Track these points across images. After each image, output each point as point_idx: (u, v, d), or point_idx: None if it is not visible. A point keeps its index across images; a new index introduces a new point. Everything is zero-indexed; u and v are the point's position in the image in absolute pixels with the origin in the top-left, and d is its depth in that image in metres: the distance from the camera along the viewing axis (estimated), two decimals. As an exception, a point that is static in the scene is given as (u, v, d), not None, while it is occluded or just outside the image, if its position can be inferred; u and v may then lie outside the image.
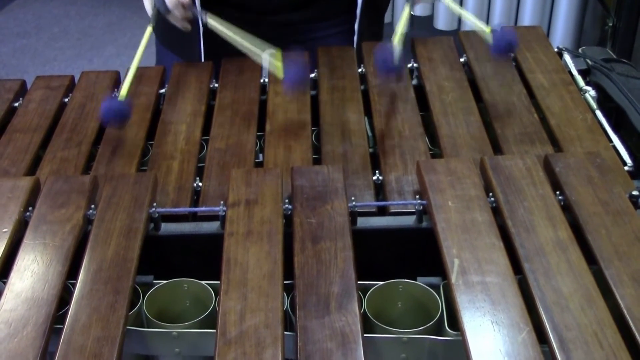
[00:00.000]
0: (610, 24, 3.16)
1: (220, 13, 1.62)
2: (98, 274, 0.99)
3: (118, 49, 3.96)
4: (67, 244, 1.04)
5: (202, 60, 1.59)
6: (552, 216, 1.04)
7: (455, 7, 1.43)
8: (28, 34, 4.13)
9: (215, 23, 1.41)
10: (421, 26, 3.51)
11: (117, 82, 1.52)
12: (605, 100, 1.41)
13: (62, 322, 0.91)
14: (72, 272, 1.00)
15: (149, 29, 1.43)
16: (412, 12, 3.37)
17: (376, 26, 1.74)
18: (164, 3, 1.41)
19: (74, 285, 0.98)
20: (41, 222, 1.08)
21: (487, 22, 3.25)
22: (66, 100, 1.47)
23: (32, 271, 0.99)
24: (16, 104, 1.46)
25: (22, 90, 1.52)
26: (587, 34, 3.30)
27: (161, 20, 1.44)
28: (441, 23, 3.34)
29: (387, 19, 3.54)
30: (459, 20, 3.32)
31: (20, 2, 4.49)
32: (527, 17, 3.14)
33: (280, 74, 1.34)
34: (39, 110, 1.42)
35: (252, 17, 1.65)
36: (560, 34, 3.12)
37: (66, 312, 0.93)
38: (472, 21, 1.39)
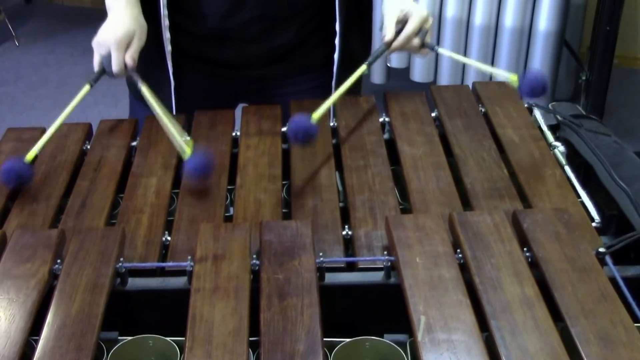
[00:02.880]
0: (584, 78, 3.21)
1: (194, 67, 1.63)
2: (62, 330, 0.98)
3: (96, 98, 3.95)
4: (32, 299, 1.03)
5: (174, 112, 1.59)
6: (519, 273, 1.04)
7: (460, 57, 1.47)
8: (6, 82, 4.13)
9: (146, 93, 1.42)
10: (397, 78, 3.54)
11: (89, 134, 1.52)
12: (574, 156, 1.42)
13: (23, 380, 0.90)
14: (36, 327, 0.99)
15: (86, 87, 1.46)
16: (388, 64, 3.41)
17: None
18: (110, 65, 1.43)
19: (37, 341, 0.97)
20: (6, 277, 1.07)
21: (462, 76, 3.28)
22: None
23: (-6, 327, 0.98)
24: (-14, 156, 1.46)
25: (-8, 141, 1.51)
26: (561, 87, 3.35)
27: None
28: (417, 75, 3.38)
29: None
30: (435, 73, 3.35)
31: (-1, 50, 4.51)
32: (502, 69, 3.17)
33: (184, 157, 1.33)
34: (9, 163, 1.42)
35: (225, 71, 1.66)
36: (534, 87, 3.16)
37: (27, 370, 0.92)
38: (491, 71, 1.42)
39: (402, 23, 1.49)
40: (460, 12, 3.18)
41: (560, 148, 1.41)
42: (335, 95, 1.44)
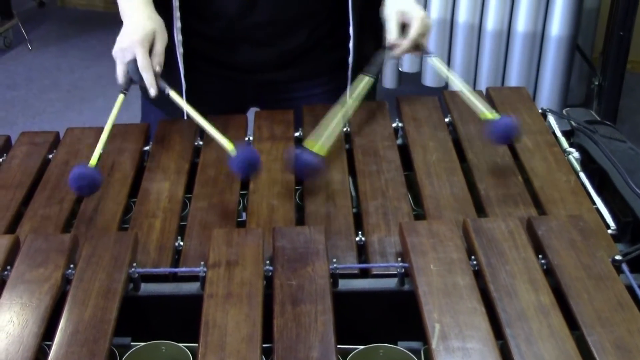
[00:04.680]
0: (596, 83, 3.19)
1: (205, 70, 1.63)
2: (74, 336, 0.97)
3: (107, 102, 3.94)
4: (44, 304, 1.03)
5: (185, 115, 1.59)
6: (534, 280, 1.03)
7: (445, 71, 1.45)
8: (19, 86, 4.14)
9: (176, 98, 1.40)
10: (409, 82, 3.53)
11: (102, 139, 1.52)
12: (588, 162, 1.41)
13: (36, 386, 0.90)
14: (48, 333, 0.99)
15: (120, 97, 1.40)
16: (400, 69, 3.41)
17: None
18: (137, 72, 1.39)
19: (49, 347, 0.96)
20: (19, 282, 1.07)
21: (475, 82, 3.27)
22: (50, 156, 1.46)
23: (7, 332, 0.98)
24: (0, 160, 1.46)
25: (6, 145, 1.51)
26: (574, 93, 3.33)
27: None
28: (429, 80, 3.37)
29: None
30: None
31: (11, 54, 4.52)
32: (514, 74, 3.17)
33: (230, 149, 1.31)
34: (22, 167, 1.42)
35: (236, 74, 1.65)
36: (547, 92, 3.15)
37: (40, 376, 0.91)
38: (473, 101, 1.40)
39: (403, 26, 1.48)
40: (472, 17, 3.17)
41: (574, 154, 1.40)
42: (339, 119, 1.42)
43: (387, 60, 1.54)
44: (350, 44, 1.56)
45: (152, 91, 1.38)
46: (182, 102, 1.40)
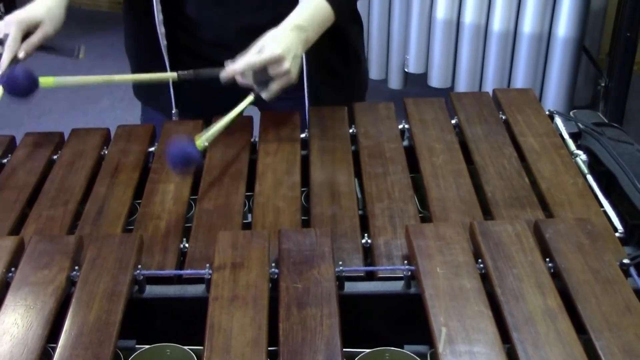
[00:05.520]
0: (603, 84, 3.18)
1: (191, 64, 1.60)
2: (79, 339, 0.97)
3: (113, 102, 3.97)
4: (49, 307, 1.02)
5: (174, 108, 1.59)
6: (542, 284, 1.02)
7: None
8: (24, 86, 4.14)
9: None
10: (415, 83, 3.53)
11: (106, 140, 1.52)
12: (596, 165, 1.40)
13: (40, 389, 0.89)
14: (52, 335, 0.99)
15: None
16: (405, 69, 3.40)
17: (334, 85, 1.69)
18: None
19: (54, 349, 0.96)
20: (23, 284, 1.06)
21: (480, 83, 3.26)
22: (55, 157, 1.46)
23: (11, 335, 0.98)
24: (4, 161, 1.46)
25: (10, 146, 1.51)
26: (580, 94, 3.32)
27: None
28: (435, 80, 3.36)
29: (380, 75, 3.59)
30: (453, 79, 3.33)
31: (16, 54, 4.52)
32: (520, 77, 3.16)
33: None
34: (27, 168, 1.42)
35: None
36: (553, 93, 3.14)
37: (44, 379, 0.91)
38: None
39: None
40: (478, 17, 3.17)
41: (582, 156, 1.39)
42: (222, 122, 1.38)
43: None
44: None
45: None
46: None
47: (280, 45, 1.35)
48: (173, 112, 1.63)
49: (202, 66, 1.52)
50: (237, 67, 1.37)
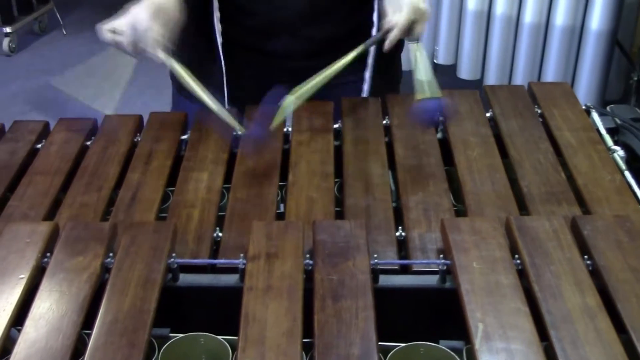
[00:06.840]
0: (635, 78, 3.14)
1: (244, 58, 1.63)
2: (114, 325, 0.97)
3: (140, 88, 3.97)
4: (84, 293, 1.02)
5: (226, 102, 1.58)
6: (580, 281, 1.01)
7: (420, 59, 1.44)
8: (52, 71, 4.16)
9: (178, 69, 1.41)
10: (444, 75, 3.50)
11: (139, 126, 1.52)
12: (634, 161, 1.38)
13: (75, 375, 0.89)
14: (87, 321, 0.99)
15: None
16: (435, 61, 3.37)
17: (390, 73, 1.73)
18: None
19: (88, 335, 0.96)
20: (58, 270, 1.06)
21: (510, 75, 3.23)
22: (88, 143, 1.46)
23: (47, 320, 0.98)
24: (38, 146, 1.46)
25: (44, 131, 1.51)
26: (612, 88, 3.28)
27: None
28: (464, 72, 3.34)
29: (409, 66, 3.56)
30: (482, 71, 3.31)
31: (46, 39, 4.54)
32: (551, 70, 3.12)
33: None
34: (61, 153, 1.42)
35: (267, 61, 1.64)
36: (585, 87, 3.10)
37: (80, 365, 0.91)
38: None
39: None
40: (509, 9, 3.13)
41: (619, 152, 1.37)
42: (322, 76, 1.43)
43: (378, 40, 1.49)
44: (374, 31, 1.56)
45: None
46: (185, 75, 1.41)
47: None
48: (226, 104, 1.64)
49: (253, 58, 1.59)
50: (395, 31, 1.42)
